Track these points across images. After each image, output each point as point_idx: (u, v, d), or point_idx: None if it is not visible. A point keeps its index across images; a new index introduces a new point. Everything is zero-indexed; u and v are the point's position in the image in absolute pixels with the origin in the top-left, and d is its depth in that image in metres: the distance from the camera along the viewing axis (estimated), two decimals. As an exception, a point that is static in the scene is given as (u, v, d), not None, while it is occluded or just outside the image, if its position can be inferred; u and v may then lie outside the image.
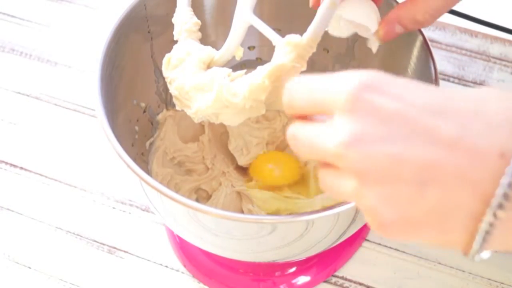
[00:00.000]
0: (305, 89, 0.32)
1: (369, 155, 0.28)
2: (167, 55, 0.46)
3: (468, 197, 0.28)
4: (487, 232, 0.28)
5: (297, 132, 0.32)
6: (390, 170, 0.28)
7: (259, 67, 0.41)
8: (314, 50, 0.41)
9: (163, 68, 0.46)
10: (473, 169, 0.28)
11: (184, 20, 0.47)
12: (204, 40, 0.48)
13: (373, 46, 0.47)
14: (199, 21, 0.47)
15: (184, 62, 0.45)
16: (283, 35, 0.41)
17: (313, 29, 0.40)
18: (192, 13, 0.47)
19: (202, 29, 0.48)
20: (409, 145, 0.28)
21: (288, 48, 0.40)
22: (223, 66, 0.45)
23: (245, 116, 0.43)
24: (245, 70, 0.43)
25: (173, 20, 0.47)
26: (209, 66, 0.46)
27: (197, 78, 0.44)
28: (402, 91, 0.29)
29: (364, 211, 0.30)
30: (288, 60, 0.40)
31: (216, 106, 0.42)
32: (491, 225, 0.28)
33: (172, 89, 0.45)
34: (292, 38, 0.40)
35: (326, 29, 0.43)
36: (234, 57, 0.46)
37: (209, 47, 0.46)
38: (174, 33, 0.47)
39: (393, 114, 0.28)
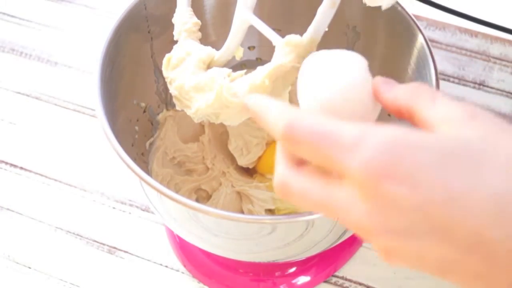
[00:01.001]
0: (310, 139, 0.28)
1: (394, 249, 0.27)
2: (167, 55, 0.46)
3: None
4: None
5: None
6: (414, 263, 0.27)
7: (259, 67, 0.41)
8: (314, 50, 0.41)
9: (163, 68, 0.46)
10: (492, 276, 0.26)
11: (184, 20, 0.47)
12: (204, 40, 0.48)
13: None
14: (199, 21, 0.47)
15: (184, 62, 0.45)
16: (283, 35, 0.41)
17: (313, 29, 0.40)
18: (192, 13, 0.47)
19: (202, 28, 0.48)
20: (428, 243, 0.26)
21: (288, 48, 0.40)
22: (223, 66, 0.45)
23: (245, 116, 0.43)
24: (245, 70, 0.43)
25: (173, 20, 0.47)
26: (209, 66, 0.45)
27: (197, 78, 0.44)
28: (419, 172, 0.26)
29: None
30: (288, 60, 0.40)
31: (216, 106, 0.42)
32: None
33: (172, 89, 0.45)
34: (292, 38, 0.40)
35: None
36: (234, 57, 0.46)
37: (209, 47, 0.46)
38: (174, 33, 0.47)
39: (413, 208, 0.26)
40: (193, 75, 0.44)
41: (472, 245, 0.25)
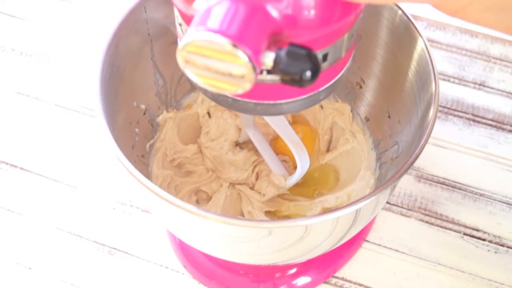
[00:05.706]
0: None
1: None
2: (205, 128, 0.56)
3: None
4: None
5: None
6: None
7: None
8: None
9: (202, 136, 0.56)
10: None
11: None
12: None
13: None
14: None
15: (220, 138, 0.56)
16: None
17: (295, 179, 0.53)
18: None
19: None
20: None
21: (274, 182, 0.54)
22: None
23: None
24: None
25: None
26: (236, 143, 0.57)
27: (230, 156, 0.55)
28: None
29: None
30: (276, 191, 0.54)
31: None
32: None
33: (208, 153, 0.56)
34: (277, 180, 0.53)
35: None
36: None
37: (236, 126, 0.56)
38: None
39: None
40: (227, 152, 0.56)
41: None
